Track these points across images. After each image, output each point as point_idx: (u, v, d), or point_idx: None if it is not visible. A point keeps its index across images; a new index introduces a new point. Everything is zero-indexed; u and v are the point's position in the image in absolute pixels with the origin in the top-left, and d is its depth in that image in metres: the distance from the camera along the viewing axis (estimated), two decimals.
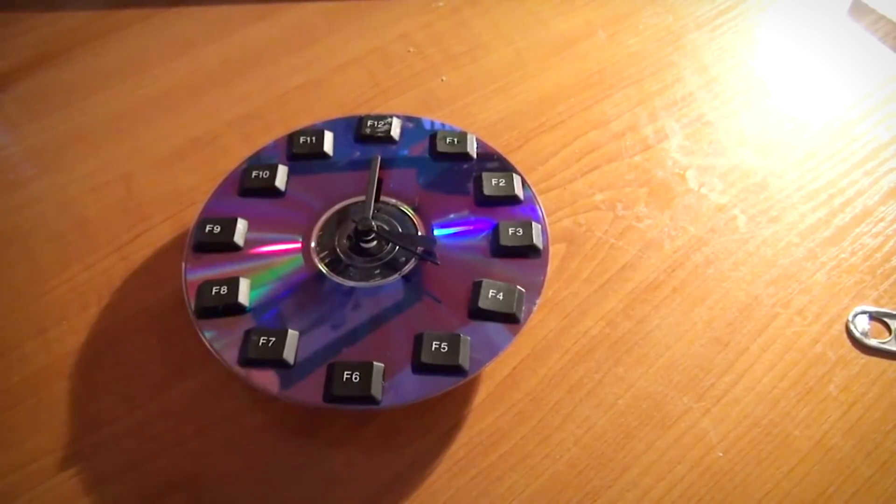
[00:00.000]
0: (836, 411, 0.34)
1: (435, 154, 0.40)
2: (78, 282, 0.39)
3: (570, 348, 0.36)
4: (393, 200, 0.38)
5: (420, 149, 0.40)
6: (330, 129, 0.41)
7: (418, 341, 0.32)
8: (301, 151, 0.40)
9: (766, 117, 0.46)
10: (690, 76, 0.48)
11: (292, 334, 0.33)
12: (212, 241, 0.36)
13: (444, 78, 0.48)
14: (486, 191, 0.37)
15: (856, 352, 0.36)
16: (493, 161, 0.39)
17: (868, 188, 0.42)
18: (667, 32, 0.51)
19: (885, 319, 0.37)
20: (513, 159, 0.39)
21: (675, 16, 0.52)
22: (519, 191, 0.38)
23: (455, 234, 0.36)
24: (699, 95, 0.47)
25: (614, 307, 0.38)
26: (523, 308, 0.33)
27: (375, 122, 0.41)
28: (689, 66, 0.49)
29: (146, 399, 0.35)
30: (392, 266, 0.35)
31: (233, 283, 0.34)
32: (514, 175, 0.38)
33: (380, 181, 0.38)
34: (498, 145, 0.41)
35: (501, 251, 0.35)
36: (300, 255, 0.36)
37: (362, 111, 0.46)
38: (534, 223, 0.36)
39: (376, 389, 0.31)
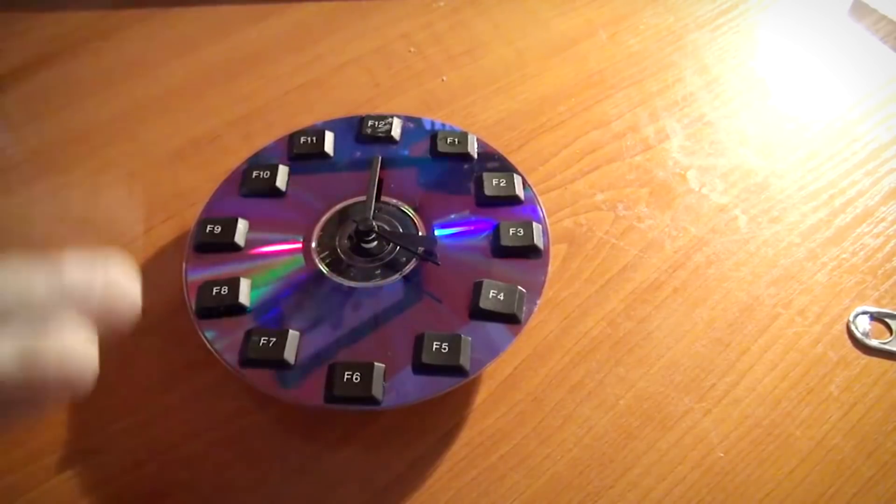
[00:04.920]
0: (837, 412, 0.34)
1: (436, 154, 0.40)
2: None
3: (571, 349, 0.36)
4: (394, 200, 0.38)
5: (421, 149, 0.40)
6: (330, 129, 0.41)
7: (419, 342, 0.32)
8: (302, 151, 0.40)
9: (767, 117, 0.46)
10: (691, 76, 0.48)
11: (293, 335, 0.32)
12: (212, 242, 0.36)
13: (444, 78, 0.48)
14: (487, 191, 0.37)
15: (857, 352, 0.36)
16: (493, 161, 0.39)
17: (869, 188, 0.42)
18: (668, 32, 0.51)
19: (886, 320, 0.37)
20: (513, 159, 0.39)
21: (676, 16, 0.52)
22: (520, 191, 0.37)
23: (456, 234, 0.36)
24: (700, 95, 0.47)
25: (615, 307, 0.38)
26: (524, 308, 0.33)
27: (376, 122, 0.41)
28: (689, 66, 0.49)
29: (146, 399, 0.35)
30: (393, 266, 0.35)
31: (233, 284, 0.34)
32: (515, 175, 0.38)
33: (380, 181, 0.38)
34: (499, 145, 0.41)
35: (502, 251, 0.35)
36: (301, 256, 0.36)
37: (363, 111, 0.46)
38: (534, 223, 0.36)
39: (377, 390, 0.31)
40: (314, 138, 0.40)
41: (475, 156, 0.40)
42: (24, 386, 0.15)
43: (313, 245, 0.36)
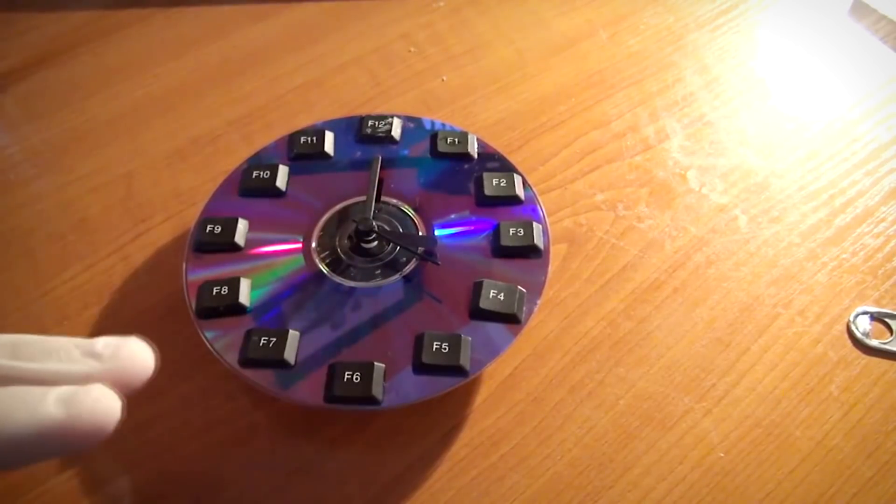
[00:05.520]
0: (837, 412, 0.34)
1: (436, 154, 0.40)
2: (78, 282, 0.39)
3: (571, 349, 0.36)
4: (394, 200, 0.38)
5: (421, 149, 0.40)
6: (331, 129, 0.41)
7: (419, 341, 0.32)
8: (302, 151, 0.40)
9: (767, 117, 0.46)
10: (691, 76, 0.48)
11: (293, 334, 0.32)
12: (212, 242, 0.36)
13: (444, 78, 0.48)
14: (487, 191, 0.37)
15: (857, 352, 0.36)
16: (493, 161, 0.39)
17: (869, 188, 0.42)
18: (668, 32, 0.51)
19: (887, 320, 0.37)
20: (514, 159, 0.39)
21: (676, 16, 0.52)
22: (520, 191, 0.37)
23: (456, 234, 0.36)
24: (700, 95, 0.47)
25: (615, 307, 0.38)
26: (524, 308, 0.33)
27: (376, 122, 0.41)
28: (689, 66, 0.49)
29: (146, 399, 0.35)
30: (393, 266, 0.35)
31: (233, 284, 0.34)
32: (515, 175, 0.38)
33: (381, 181, 0.38)
34: (499, 145, 0.41)
35: (502, 251, 0.35)
36: (301, 256, 0.36)
37: (363, 111, 0.46)
38: (535, 223, 0.36)
39: (377, 390, 0.31)
40: (314, 138, 0.40)
41: (475, 156, 0.40)
42: (62, 427, 0.18)
43: (313, 245, 0.36)
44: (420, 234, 0.37)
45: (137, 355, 0.22)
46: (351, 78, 0.49)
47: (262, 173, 0.38)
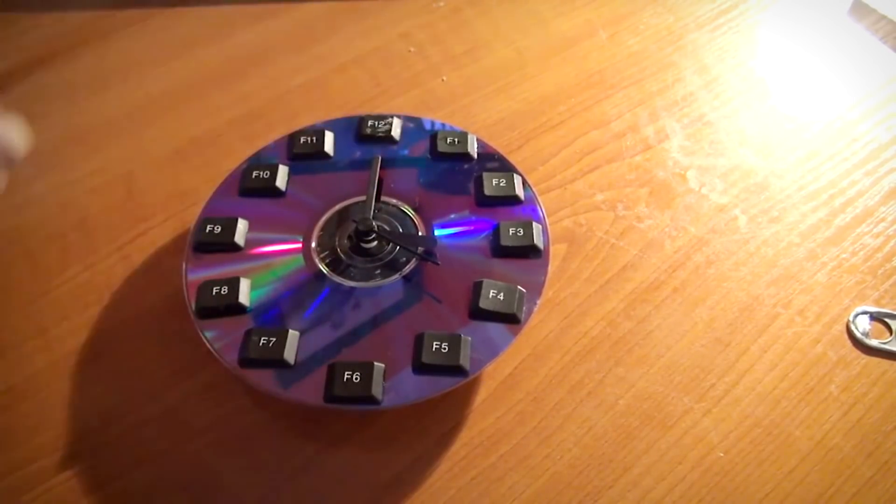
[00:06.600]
0: (836, 411, 0.34)
1: (435, 154, 0.40)
2: (78, 282, 0.39)
3: (571, 348, 0.36)
4: (394, 200, 0.38)
5: (421, 149, 0.40)
6: (330, 129, 0.41)
7: (419, 341, 0.32)
8: (302, 151, 0.40)
9: (767, 117, 0.46)
10: (691, 76, 0.48)
11: (293, 334, 0.32)
12: (212, 241, 0.36)
13: (444, 78, 0.48)
14: (487, 191, 0.37)
15: (856, 352, 0.36)
16: (493, 161, 0.39)
17: (869, 188, 0.42)
18: (667, 32, 0.51)
19: (886, 320, 0.37)
20: (513, 159, 0.39)
21: (676, 16, 0.52)
22: (519, 191, 0.38)
23: (456, 234, 0.36)
24: (700, 95, 0.47)
25: (615, 307, 0.38)
26: (524, 308, 0.33)
27: (376, 122, 0.41)
28: (689, 66, 0.49)
29: (146, 399, 0.35)
30: (392, 266, 0.35)
31: (233, 283, 0.34)
32: (515, 175, 0.38)
33: (380, 181, 0.38)
34: (498, 145, 0.41)
35: (502, 251, 0.35)
36: (301, 256, 0.36)
37: (363, 111, 0.46)
38: (534, 223, 0.36)
39: (377, 390, 0.31)
40: (314, 138, 0.40)
41: (475, 156, 0.40)
42: None
43: (313, 245, 0.36)
44: (420, 234, 0.37)
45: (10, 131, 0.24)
46: (351, 78, 0.49)
47: (262, 173, 0.38)
